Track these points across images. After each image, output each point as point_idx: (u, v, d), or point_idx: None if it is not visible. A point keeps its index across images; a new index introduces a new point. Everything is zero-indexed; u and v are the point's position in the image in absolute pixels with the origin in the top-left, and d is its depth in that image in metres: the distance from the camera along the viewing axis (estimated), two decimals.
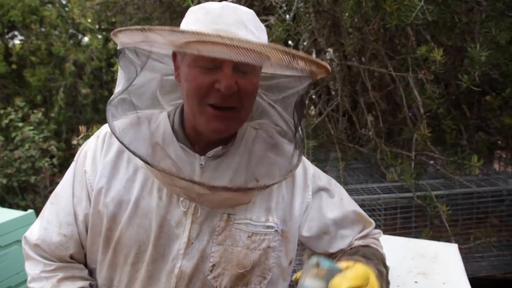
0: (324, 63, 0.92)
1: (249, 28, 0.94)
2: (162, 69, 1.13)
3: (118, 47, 1.03)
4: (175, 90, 1.17)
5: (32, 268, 1.11)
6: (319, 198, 1.20)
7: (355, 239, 1.23)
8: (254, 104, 1.14)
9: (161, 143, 1.03)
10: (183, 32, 0.85)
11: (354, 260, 1.03)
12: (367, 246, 1.20)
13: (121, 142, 0.96)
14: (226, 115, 0.97)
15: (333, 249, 1.22)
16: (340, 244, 1.21)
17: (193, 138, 1.08)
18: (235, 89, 0.93)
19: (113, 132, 0.98)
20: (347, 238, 1.22)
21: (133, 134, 1.01)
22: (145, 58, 1.03)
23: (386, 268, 1.16)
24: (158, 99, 1.15)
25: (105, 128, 1.15)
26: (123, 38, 0.96)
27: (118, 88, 1.05)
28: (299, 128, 1.10)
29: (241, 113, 1.00)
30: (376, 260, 1.11)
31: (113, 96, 1.04)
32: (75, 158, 1.15)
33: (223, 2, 0.97)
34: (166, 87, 1.16)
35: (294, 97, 1.08)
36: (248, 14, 0.97)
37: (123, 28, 0.91)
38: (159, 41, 0.89)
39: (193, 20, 0.96)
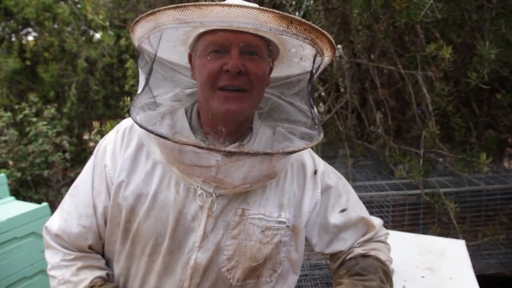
0: (324, 32, 0.95)
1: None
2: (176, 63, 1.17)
3: (136, 44, 1.07)
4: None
5: (52, 257, 1.15)
6: (327, 197, 1.23)
7: (357, 243, 1.25)
8: (271, 103, 1.18)
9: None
10: (183, 5, 0.89)
11: None
12: (366, 255, 1.22)
13: (140, 125, 0.99)
14: (238, 96, 1.01)
15: (330, 250, 1.25)
16: (340, 246, 1.24)
17: (210, 134, 1.10)
18: (242, 68, 0.98)
19: (134, 120, 1.01)
20: (348, 241, 1.25)
21: (154, 123, 1.05)
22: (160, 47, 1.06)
23: (387, 274, 1.18)
24: (176, 95, 1.19)
25: (124, 123, 1.18)
26: (139, 30, 1.01)
27: (139, 89, 1.09)
28: (314, 108, 1.12)
29: (253, 95, 1.04)
30: (370, 274, 1.13)
31: (135, 97, 1.08)
32: (94, 152, 1.19)
33: None
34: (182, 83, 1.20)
35: (305, 80, 1.11)
36: None
37: (137, 18, 0.97)
38: (166, 22, 0.94)
39: None
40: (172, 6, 0.90)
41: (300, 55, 1.09)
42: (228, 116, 1.03)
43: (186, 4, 0.88)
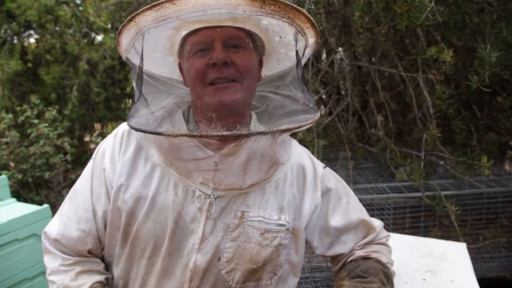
0: (299, 8, 0.96)
1: None
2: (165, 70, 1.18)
3: (124, 56, 1.08)
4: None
5: (51, 262, 1.14)
6: (327, 199, 1.23)
7: (358, 246, 1.25)
8: (266, 100, 1.17)
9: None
10: (158, 2, 0.92)
11: None
12: (367, 258, 1.22)
13: (136, 128, 0.99)
14: (229, 86, 1.01)
15: (331, 252, 1.25)
16: (341, 249, 1.25)
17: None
18: (228, 59, 1.00)
19: (130, 126, 1.00)
20: (349, 243, 1.25)
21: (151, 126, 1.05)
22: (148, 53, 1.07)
23: (388, 276, 1.18)
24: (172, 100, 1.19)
25: (122, 126, 1.19)
26: (123, 40, 1.03)
27: (135, 99, 1.09)
28: (308, 91, 1.10)
29: (244, 86, 1.03)
30: (371, 276, 1.14)
31: (131, 110, 1.08)
32: (93, 156, 1.19)
33: None
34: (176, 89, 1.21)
35: (294, 68, 1.09)
36: None
37: (119, 29, 1.00)
38: (146, 24, 0.97)
39: None
40: (148, 6, 0.93)
41: (284, 43, 1.09)
42: (223, 108, 1.01)
43: (161, 1, 0.92)
